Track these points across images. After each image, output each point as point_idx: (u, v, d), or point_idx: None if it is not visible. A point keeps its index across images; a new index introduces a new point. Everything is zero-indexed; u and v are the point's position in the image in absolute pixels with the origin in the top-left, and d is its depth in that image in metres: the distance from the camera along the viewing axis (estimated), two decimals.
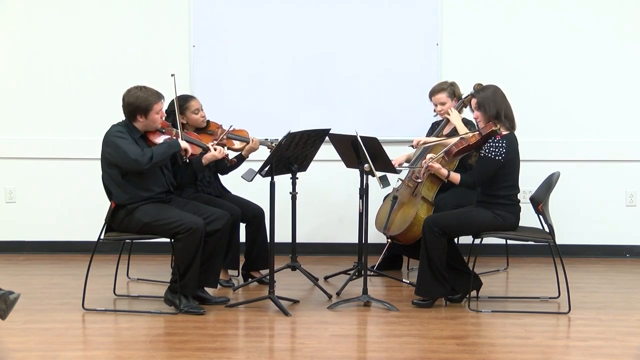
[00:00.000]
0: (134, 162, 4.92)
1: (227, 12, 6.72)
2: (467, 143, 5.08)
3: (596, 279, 6.15)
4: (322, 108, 6.70)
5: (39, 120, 6.80)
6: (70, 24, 6.76)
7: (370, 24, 6.71)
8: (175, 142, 5.11)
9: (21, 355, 4.29)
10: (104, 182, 5.10)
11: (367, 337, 4.81)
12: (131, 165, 4.94)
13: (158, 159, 4.99)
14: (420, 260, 5.18)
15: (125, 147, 4.96)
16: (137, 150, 4.97)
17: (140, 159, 4.93)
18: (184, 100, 5.57)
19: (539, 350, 4.42)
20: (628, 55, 6.74)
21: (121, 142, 4.97)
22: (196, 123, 5.62)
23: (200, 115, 5.62)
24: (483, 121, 5.13)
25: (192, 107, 5.59)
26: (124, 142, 4.97)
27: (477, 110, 5.15)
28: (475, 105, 5.15)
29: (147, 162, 4.94)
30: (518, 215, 5.17)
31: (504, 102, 5.14)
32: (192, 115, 5.59)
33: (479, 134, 5.07)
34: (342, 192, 6.75)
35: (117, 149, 4.98)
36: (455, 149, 5.08)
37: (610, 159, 6.78)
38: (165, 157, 5.06)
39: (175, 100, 5.31)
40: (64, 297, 5.38)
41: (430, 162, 5.11)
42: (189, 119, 5.59)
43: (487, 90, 5.17)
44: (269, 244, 5.19)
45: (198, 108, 5.62)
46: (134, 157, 4.92)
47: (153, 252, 6.50)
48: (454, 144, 5.11)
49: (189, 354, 4.29)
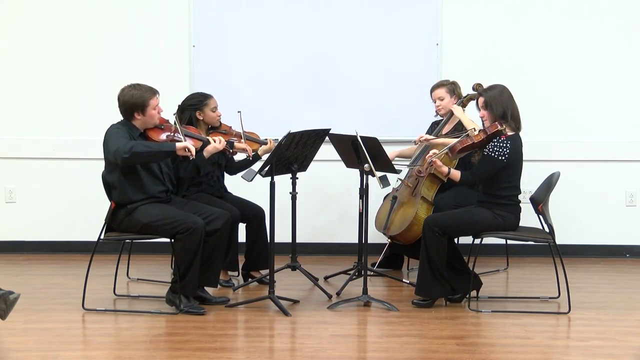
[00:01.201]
0: (115, 152, 4.81)
1: (227, 12, 6.73)
2: (471, 141, 5.06)
3: (596, 279, 6.15)
4: (322, 108, 6.70)
5: (39, 120, 6.80)
6: (70, 24, 6.76)
7: (371, 24, 6.71)
8: (171, 145, 4.94)
9: (21, 355, 4.29)
10: (104, 182, 5.10)
11: (367, 337, 4.81)
12: (113, 156, 4.84)
13: (140, 149, 4.80)
14: (420, 260, 5.18)
15: (114, 139, 4.89)
16: (122, 142, 4.84)
17: (122, 147, 4.79)
18: (203, 97, 5.64)
19: (539, 350, 4.42)
20: (628, 55, 6.74)
21: (111, 136, 4.94)
22: (212, 121, 5.65)
23: (217, 114, 5.66)
24: (489, 120, 5.11)
25: (211, 105, 5.65)
26: (115, 136, 4.92)
27: (483, 110, 5.14)
28: (482, 104, 5.14)
29: (128, 150, 4.76)
30: (518, 215, 5.17)
31: (510, 102, 5.13)
32: (210, 112, 5.63)
33: (483, 133, 5.06)
34: (342, 192, 6.75)
35: (105, 143, 4.96)
36: (460, 146, 5.06)
37: (610, 159, 6.78)
38: (150, 152, 4.86)
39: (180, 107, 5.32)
40: (64, 297, 5.38)
41: (434, 157, 5.09)
42: (206, 116, 5.62)
43: (494, 90, 5.16)
44: (269, 244, 5.19)
45: (216, 106, 5.66)
46: (114, 148, 4.83)
47: (153, 252, 6.50)
48: (459, 141, 5.09)
49: (189, 354, 4.29)
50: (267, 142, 5.66)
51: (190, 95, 5.69)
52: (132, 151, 4.79)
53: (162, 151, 4.94)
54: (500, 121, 5.07)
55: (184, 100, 5.66)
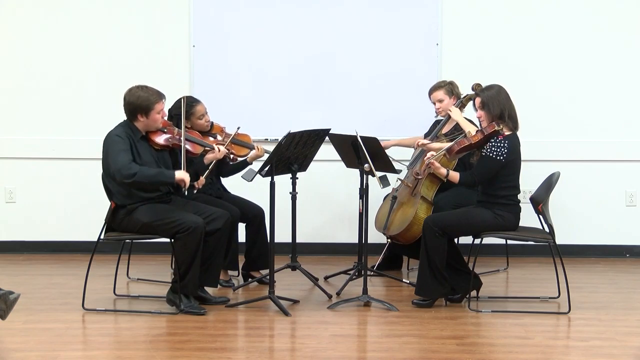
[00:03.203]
0: (117, 172, 4.84)
1: (227, 12, 6.73)
2: (469, 142, 5.06)
3: (596, 279, 6.15)
4: (322, 108, 6.70)
5: (39, 120, 6.80)
6: (70, 24, 6.76)
7: (370, 23, 6.71)
8: (171, 174, 4.98)
9: (21, 355, 4.29)
10: (104, 182, 5.10)
11: (367, 337, 4.81)
12: (113, 174, 4.88)
13: (142, 179, 4.86)
14: (420, 260, 5.18)
15: (114, 154, 4.89)
16: (125, 160, 4.86)
17: (124, 171, 4.82)
18: (189, 105, 5.51)
19: (539, 350, 4.42)
20: (628, 55, 6.74)
21: (113, 148, 4.91)
22: (200, 128, 5.61)
23: (205, 120, 5.62)
24: (486, 120, 5.12)
25: (198, 113, 5.57)
26: (116, 149, 4.90)
27: (480, 110, 5.14)
28: (480, 105, 5.14)
29: (129, 177, 4.82)
30: (518, 215, 5.17)
31: (508, 102, 5.13)
32: (197, 120, 5.58)
33: (481, 133, 5.06)
34: (342, 192, 6.75)
35: (107, 154, 4.95)
36: (458, 147, 5.07)
37: (610, 159, 6.78)
38: (151, 181, 4.92)
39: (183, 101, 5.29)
40: (64, 297, 5.38)
41: (432, 159, 5.09)
42: (194, 124, 5.57)
43: (491, 90, 5.16)
44: (269, 244, 5.19)
45: (203, 113, 5.60)
46: (117, 167, 4.85)
47: (153, 252, 6.50)
48: (456, 141, 5.10)
49: (189, 354, 4.29)
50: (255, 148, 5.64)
51: (177, 103, 5.48)
52: (134, 180, 4.84)
53: (161, 181, 4.99)
54: (497, 121, 5.07)
55: (172, 106, 5.53)
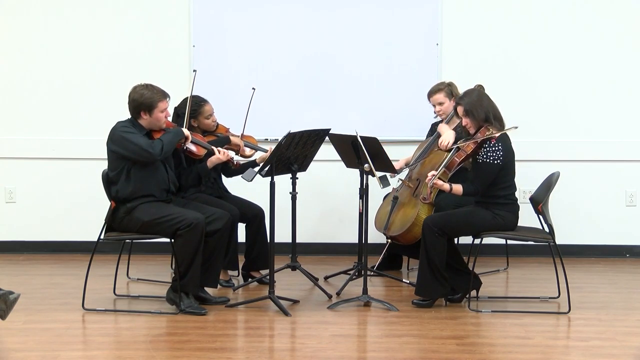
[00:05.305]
0: (147, 152, 4.96)
1: (227, 12, 6.73)
2: (465, 153, 5.09)
3: (596, 279, 6.15)
4: (323, 108, 6.70)
5: (39, 120, 6.80)
6: (70, 24, 6.76)
7: (370, 24, 6.70)
8: (179, 130, 5.17)
9: (21, 355, 4.29)
10: (105, 179, 5.10)
11: (367, 337, 4.81)
12: (144, 156, 4.97)
13: (168, 148, 5.06)
14: (420, 260, 5.18)
15: (134, 139, 4.98)
16: (147, 141, 5.02)
17: (152, 150, 4.97)
18: (197, 104, 5.57)
19: (539, 350, 4.42)
20: (628, 55, 6.74)
21: (130, 136, 4.99)
22: (207, 128, 5.64)
23: (212, 120, 5.65)
24: (473, 127, 5.11)
25: (206, 113, 5.61)
26: (133, 136, 5.00)
27: (465, 117, 5.13)
28: (463, 113, 5.13)
29: (159, 152, 5.00)
30: (517, 214, 5.17)
31: (490, 103, 5.13)
32: (204, 120, 5.62)
33: (474, 143, 5.06)
34: (342, 192, 6.75)
35: (127, 142, 4.98)
36: (457, 161, 5.10)
37: (610, 159, 6.78)
38: (173, 145, 5.12)
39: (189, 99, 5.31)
40: (64, 297, 5.38)
41: (434, 179, 5.08)
42: (200, 123, 5.61)
43: (471, 95, 5.16)
44: (269, 244, 5.19)
45: (211, 113, 5.64)
46: (145, 148, 4.96)
47: (153, 252, 6.50)
48: (453, 156, 5.10)
49: (189, 354, 4.29)
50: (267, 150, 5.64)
51: (184, 101, 5.55)
52: (164, 152, 5.02)
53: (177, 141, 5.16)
54: (485, 125, 5.07)
55: (179, 105, 5.59)
